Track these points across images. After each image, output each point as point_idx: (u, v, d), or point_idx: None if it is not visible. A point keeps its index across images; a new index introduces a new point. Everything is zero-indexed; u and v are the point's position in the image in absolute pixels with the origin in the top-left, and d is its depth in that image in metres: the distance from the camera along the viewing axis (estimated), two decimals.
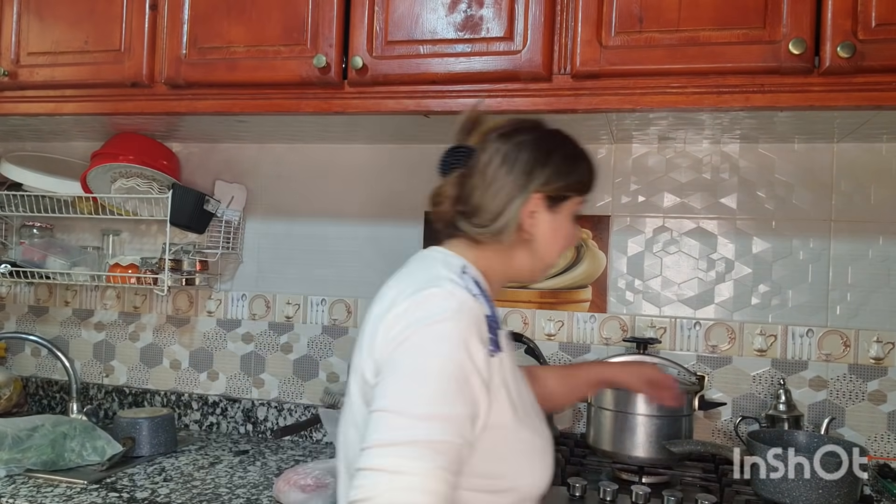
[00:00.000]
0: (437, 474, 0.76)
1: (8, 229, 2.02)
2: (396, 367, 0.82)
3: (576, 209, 1.01)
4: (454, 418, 0.79)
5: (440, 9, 1.33)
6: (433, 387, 0.79)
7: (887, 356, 1.54)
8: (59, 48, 1.56)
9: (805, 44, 1.16)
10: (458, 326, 0.82)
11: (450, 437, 0.78)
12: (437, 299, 0.85)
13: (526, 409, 0.92)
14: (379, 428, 0.79)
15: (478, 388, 0.82)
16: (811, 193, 1.59)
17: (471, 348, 0.82)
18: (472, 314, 0.85)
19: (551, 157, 0.97)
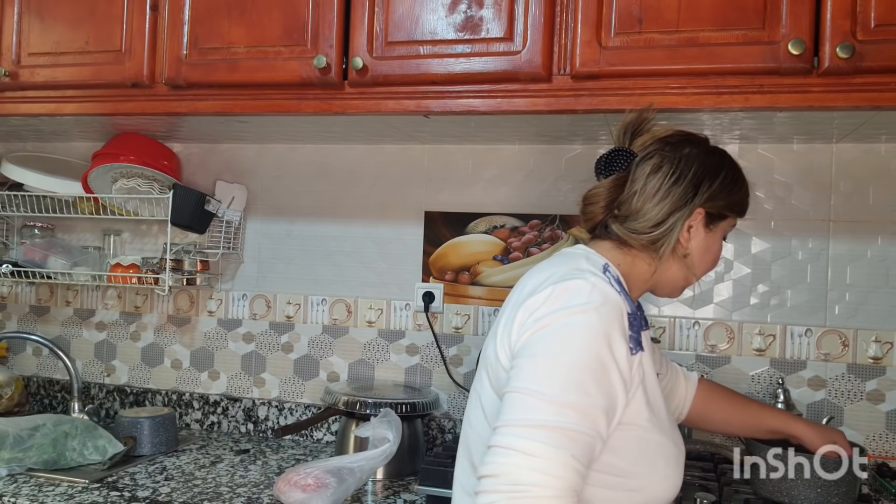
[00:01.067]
0: (566, 461, 0.76)
1: (9, 229, 2.02)
2: (535, 350, 0.83)
3: (729, 229, 1.03)
4: (589, 409, 0.79)
5: (440, 9, 1.34)
6: (571, 374, 0.80)
7: (886, 356, 1.54)
8: (60, 49, 1.56)
9: (804, 44, 1.16)
10: (601, 318, 0.83)
11: (582, 427, 0.78)
12: (581, 290, 0.85)
13: (662, 414, 0.92)
14: (513, 408, 0.80)
15: (616, 383, 0.82)
16: (810, 194, 1.59)
17: (612, 342, 0.82)
18: (616, 308, 0.85)
19: (718, 175, 0.98)
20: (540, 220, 1.74)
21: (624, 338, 0.84)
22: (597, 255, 0.97)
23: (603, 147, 1.71)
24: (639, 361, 0.87)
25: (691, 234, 0.97)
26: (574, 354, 0.81)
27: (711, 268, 1.03)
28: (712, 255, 1.02)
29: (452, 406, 1.78)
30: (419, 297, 1.80)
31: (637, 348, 0.87)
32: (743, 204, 1.03)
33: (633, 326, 0.88)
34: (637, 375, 0.87)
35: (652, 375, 0.92)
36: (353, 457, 1.39)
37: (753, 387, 1.61)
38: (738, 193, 1.01)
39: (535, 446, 0.76)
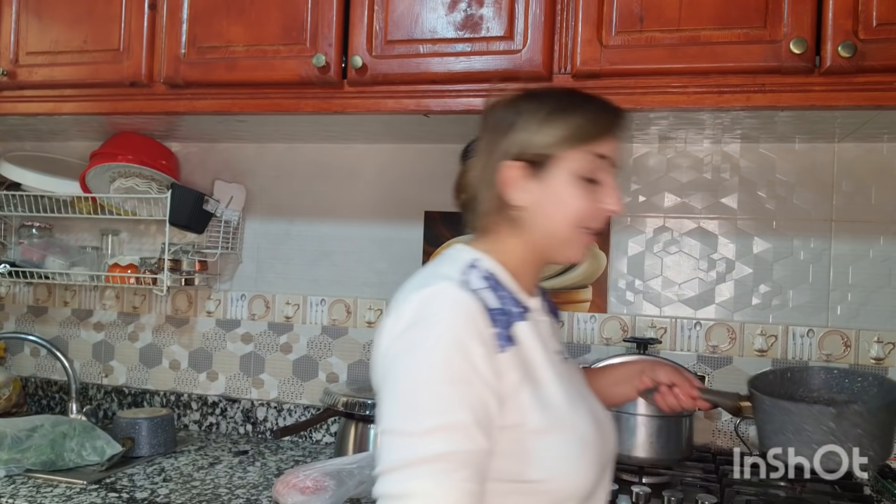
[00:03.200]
0: (455, 486, 0.73)
1: (7, 229, 2.02)
2: (389, 384, 0.79)
3: (580, 167, 0.88)
4: (460, 425, 0.75)
5: (440, 8, 1.33)
6: (431, 398, 0.76)
7: (888, 356, 1.54)
8: (58, 48, 1.56)
9: (806, 43, 1.15)
10: (450, 328, 0.78)
11: (460, 446, 0.74)
12: (422, 303, 0.81)
13: (562, 408, 0.86)
14: (386, 451, 0.76)
15: (482, 391, 0.78)
16: (812, 193, 1.59)
17: (468, 349, 0.78)
18: (465, 312, 0.80)
19: (521, 117, 0.89)
20: None
21: (481, 340, 0.79)
22: (467, 251, 0.92)
23: None
24: (511, 358, 0.82)
25: (521, 189, 0.89)
26: (429, 375, 0.76)
27: (579, 217, 0.89)
28: (563, 202, 0.89)
29: None
30: None
31: (505, 344, 0.82)
32: (570, 135, 0.88)
33: (499, 322, 0.83)
34: (513, 374, 0.82)
35: (542, 366, 0.87)
36: (353, 458, 1.38)
37: None
38: (555, 128, 0.88)
39: (422, 484, 0.73)
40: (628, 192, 1.69)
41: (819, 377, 1.08)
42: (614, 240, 1.69)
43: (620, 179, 1.68)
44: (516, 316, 0.87)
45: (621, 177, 1.69)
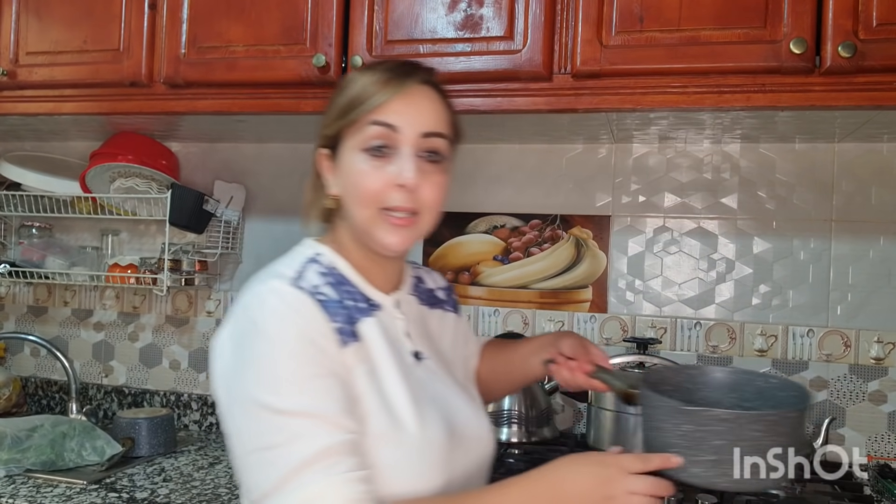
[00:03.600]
0: (348, 477, 0.72)
1: (7, 229, 2.02)
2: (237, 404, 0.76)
3: (360, 140, 0.85)
4: (327, 417, 0.73)
5: (440, 8, 1.33)
6: (285, 402, 0.73)
7: (888, 356, 1.54)
8: (58, 48, 1.55)
9: (806, 43, 1.15)
10: (286, 327, 0.76)
11: (332, 438, 0.72)
12: (253, 307, 0.79)
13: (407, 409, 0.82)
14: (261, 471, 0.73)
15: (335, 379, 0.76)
16: (812, 193, 1.59)
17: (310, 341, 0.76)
18: (299, 309, 0.78)
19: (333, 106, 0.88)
20: (540, 219, 1.73)
21: (322, 333, 0.77)
22: (313, 246, 0.90)
23: (604, 146, 1.70)
24: (355, 354, 0.80)
25: (329, 180, 0.89)
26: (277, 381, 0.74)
27: (364, 194, 0.85)
28: (356, 181, 0.85)
29: None
30: None
31: (348, 339, 0.80)
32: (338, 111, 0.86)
33: (340, 317, 0.81)
34: (358, 370, 0.80)
35: (386, 366, 0.84)
36: None
37: None
38: (332, 109, 0.87)
39: (310, 491, 0.70)
40: (628, 192, 1.69)
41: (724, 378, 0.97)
42: (614, 240, 1.69)
43: (620, 179, 1.68)
44: (361, 312, 0.85)
45: (622, 176, 1.69)
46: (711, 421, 0.77)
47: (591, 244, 1.70)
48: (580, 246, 1.71)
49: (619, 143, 1.68)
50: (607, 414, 1.46)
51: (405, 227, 0.86)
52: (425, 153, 0.86)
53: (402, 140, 0.84)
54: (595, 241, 1.70)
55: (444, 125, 0.88)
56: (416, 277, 1.04)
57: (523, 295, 1.74)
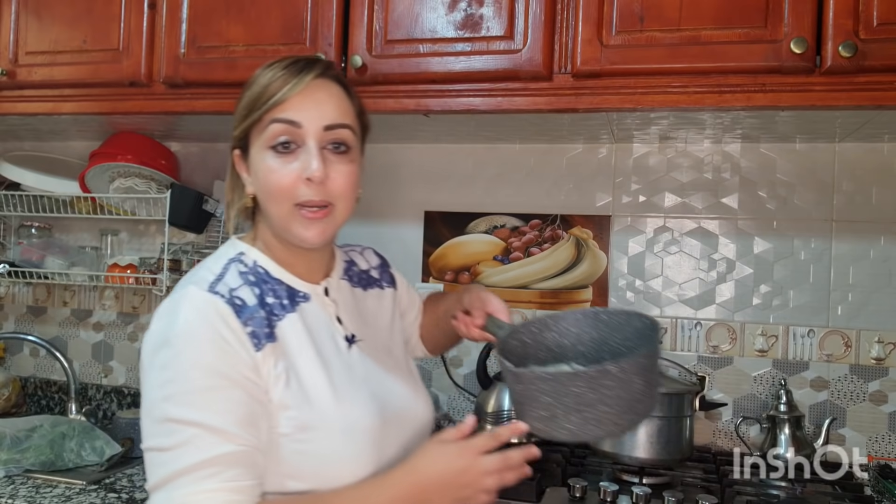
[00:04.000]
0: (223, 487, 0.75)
1: (6, 229, 2.01)
2: (145, 401, 0.80)
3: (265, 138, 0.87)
4: (218, 431, 0.76)
5: (440, 7, 1.33)
6: (183, 410, 0.76)
7: (888, 356, 1.53)
8: (58, 47, 1.55)
9: (806, 43, 1.15)
10: (195, 338, 0.78)
11: (220, 449, 0.75)
12: (168, 315, 0.80)
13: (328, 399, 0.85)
14: (150, 469, 0.78)
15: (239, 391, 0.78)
16: (812, 193, 1.58)
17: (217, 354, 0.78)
18: (211, 318, 0.79)
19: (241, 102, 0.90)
20: (541, 219, 1.73)
21: (232, 341, 0.79)
22: (236, 245, 0.92)
23: (604, 146, 1.70)
24: (269, 356, 0.82)
25: (244, 178, 0.91)
26: (178, 389, 0.77)
27: (275, 189, 0.86)
28: (265, 179, 0.87)
29: (452, 407, 1.77)
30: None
31: (262, 342, 0.81)
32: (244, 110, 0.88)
33: (254, 321, 0.82)
34: (274, 371, 0.81)
35: (306, 359, 0.86)
36: None
37: (755, 388, 1.60)
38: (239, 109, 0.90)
39: (181, 494, 0.75)
40: (629, 191, 1.68)
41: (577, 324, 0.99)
42: (614, 240, 1.69)
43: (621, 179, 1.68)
44: (283, 308, 0.87)
45: (622, 176, 1.69)
46: (536, 380, 0.84)
47: (591, 244, 1.70)
48: (580, 246, 1.71)
49: (619, 143, 1.68)
50: None
51: (320, 220, 0.88)
52: (331, 145, 0.88)
53: (305, 135, 0.86)
54: (595, 241, 1.70)
55: (347, 116, 0.90)
56: (348, 261, 1.06)
57: (523, 295, 1.74)
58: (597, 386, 0.81)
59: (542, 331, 1.00)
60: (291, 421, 0.82)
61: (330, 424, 0.84)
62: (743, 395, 1.60)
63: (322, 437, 0.83)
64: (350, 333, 0.95)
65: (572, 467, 1.44)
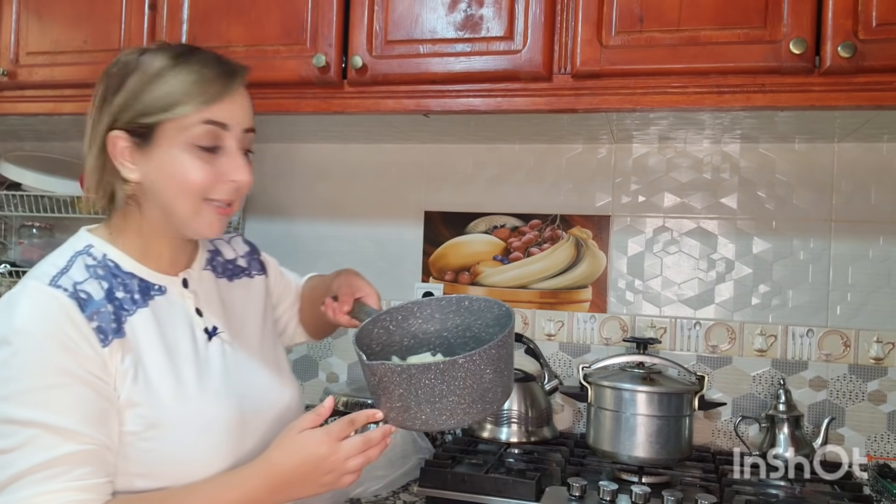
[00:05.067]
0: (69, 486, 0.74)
1: (7, 229, 2.02)
2: None
3: (192, 136, 0.83)
4: (60, 430, 0.75)
5: (440, 8, 1.33)
6: (22, 411, 0.75)
7: (887, 356, 1.54)
8: (58, 48, 1.55)
9: (806, 43, 1.15)
10: (36, 334, 0.76)
11: (64, 449, 0.74)
12: (8, 312, 0.78)
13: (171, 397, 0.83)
14: None
15: (84, 388, 0.77)
16: (812, 193, 1.59)
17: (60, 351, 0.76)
18: (53, 314, 0.77)
19: (125, 82, 0.84)
20: (540, 219, 1.74)
21: (77, 337, 0.77)
22: (85, 237, 0.89)
23: (604, 146, 1.70)
24: (117, 351, 0.80)
25: (132, 164, 0.84)
26: (18, 389, 0.75)
27: (189, 189, 0.84)
28: (171, 175, 0.83)
29: None
30: (419, 297, 1.79)
31: (109, 338, 0.80)
32: (169, 102, 0.83)
33: (101, 315, 0.80)
34: (122, 366, 0.80)
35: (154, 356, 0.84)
36: None
37: (755, 387, 1.60)
38: (153, 93, 0.83)
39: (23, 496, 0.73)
40: (628, 192, 1.69)
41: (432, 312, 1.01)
42: (614, 240, 1.69)
43: (620, 179, 1.68)
44: (134, 303, 0.85)
45: (621, 176, 1.69)
46: (389, 373, 0.84)
47: (590, 244, 1.70)
48: (580, 246, 1.71)
49: (618, 144, 1.68)
50: (607, 413, 1.46)
51: (227, 216, 0.90)
52: (244, 148, 0.90)
53: (229, 136, 0.87)
54: (595, 241, 1.70)
55: (253, 120, 0.92)
56: (212, 251, 1.04)
57: (523, 295, 1.74)
58: (448, 378, 0.82)
59: (407, 318, 1.01)
60: (139, 419, 0.81)
61: (178, 421, 0.83)
62: (742, 395, 1.61)
63: (170, 435, 0.82)
64: (211, 325, 0.94)
65: (571, 467, 1.44)
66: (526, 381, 1.62)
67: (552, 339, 1.72)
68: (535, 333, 1.72)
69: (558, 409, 1.70)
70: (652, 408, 1.42)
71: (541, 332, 1.73)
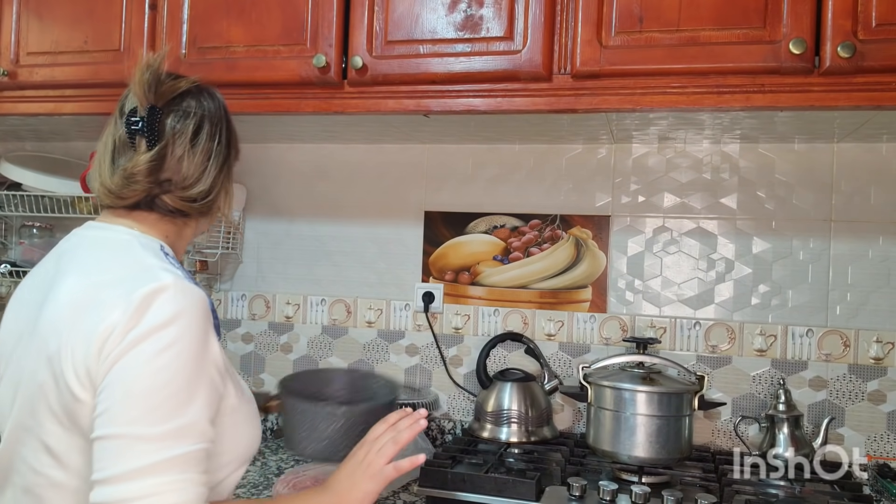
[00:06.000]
0: (193, 480, 0.75)
1: (7, 229, 2.02)
2: (128, 382, 0.74)
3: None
4: (198, 424, 0.76)
5: (440, 8, 1.33)
6: (175, 400, 0.75)
7: (887, 356, 1.54)
8: (59, 48, 1.56)
9: (805, 44, 1.16)
10: (192, 325, 0.77)
11: (196, 445, 0.76)
12: (164, 298, 0.77)
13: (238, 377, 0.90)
14: (119, 457, 0.73)
15: (218, 384, 0.80)
16: (811, 193, 1.59)
17: (208, 345, 0.79)
18: (202, 305, 0.79)
19: (234, 128, 0.99)
20: (540, 219, 1.74)
21: (213, 332, 0.81)
22: (146, 237, 0.88)
23: (603, 147, 1.70)
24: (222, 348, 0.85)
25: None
26: (174, 377, 0.75)
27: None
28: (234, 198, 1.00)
29: (452, 406, 1.78)
30: (419, 297, 1.79)
31: (220, 334, 0.87)
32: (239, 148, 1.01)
33: (214, 313, 0.83)
34: (225, 364, 0.83)
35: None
36: None
37: (754, 387, 1.60)
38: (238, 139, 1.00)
39: (156, 483, 0.72)
40: (628, 192, 1.69)
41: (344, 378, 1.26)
42: (614, 240, 1.69)
43: (620, 179, 1.68)
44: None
45: (621, 176, 1.69)
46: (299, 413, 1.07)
47: (590, 244, 1.71)
48: (580, 246, 1.71)
49: (618, 144, 1.69)
50: (607, 413, 1.46)
51: None
52: None
53: None
54: (595, 241, 1.70)
55: None
56: None
57: (523, 295, 1.74)
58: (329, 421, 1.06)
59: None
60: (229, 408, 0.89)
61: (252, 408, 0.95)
62: (742, 395, 1.61)
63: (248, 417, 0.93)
64: None
65: (571, 466, 1.44)
66: (526, 380, 1.62)
67: (552, 338, 1.72)
68: (534, 333, 1.73)
69: (558, 409, 1.71)
70: (652, 408, 1.42)
71: (541, 332, 1.73)
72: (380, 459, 0.92)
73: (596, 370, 1.53)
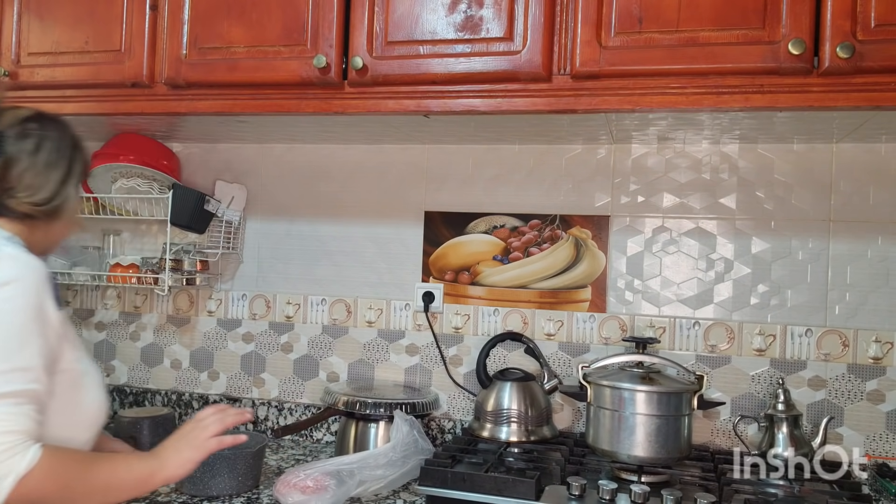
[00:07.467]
0: (27, 415, 0.90)
1: None
2: None
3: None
4: (29, 369, 0.92)
5: (440, 9, 1.34)
6: (11, 345, 0.91)
7: (886, 356, 1.54)
8: (60, 48, 1.56)
9: (804, 44, 1.16)
10: (28, 287, 0.94)
11: (28, 385, 0.91)
12: (2, 265, 0.95)
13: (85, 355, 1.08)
14: None
15: (53, 341, 0.96)
16: (810, 194, 1.59)
17: (44, 306, 0.95)
18: (39, 274, 0.97)
19: (81, 148, 1.13)
20: (540, 219, 1.74)
21: (50, 299, 0.97)
22: (2, 230, 1.04)
23: (603, 147, 1.71)
24: (62, 316, 1.01)
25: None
26: (9, 325, 0.91)
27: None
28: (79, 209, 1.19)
29: (452, 406, 1.78)
30: (419, 297, 1.79)
31: (59, 305, 1.00)
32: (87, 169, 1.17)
33: (54, 287, 1.00)
34: (62, 328, 1.00)
35: (69, 324, 1.07)
36: (353, 458, 1.39)
37: (753, 387, 1.61)
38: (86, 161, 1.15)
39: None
40: (627, 192, 1.69)
41: None
42: (613, 240, 1.70)
43: (619, 179, 1.68)
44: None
45: (621, 176, 1.70)
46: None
47: (590, 244, 1.71)
48: (579, 246, 1.72)
49: (618, 144, 1.69)
50: (606, 413, 1.46)
51: None
52: None
53: None
54: (594, 241, 1.71)
55: None
56: None
57: (523, 295, 1.74)
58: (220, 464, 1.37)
59: None
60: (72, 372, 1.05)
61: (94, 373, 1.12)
62: (741, 394, 1.61)
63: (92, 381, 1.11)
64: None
65: (571, 466, 1.45)
66: (526, 380, 1.62)
67: (552, 338, 1.73)
68: (534, 333, 1.73)
69: (558, 409, 1.71)
70: (651, 407, 1.42)
71: (540, 332, 1.73)
72: (203, 433, 1.09)
73: (595, 370, 1.54)
